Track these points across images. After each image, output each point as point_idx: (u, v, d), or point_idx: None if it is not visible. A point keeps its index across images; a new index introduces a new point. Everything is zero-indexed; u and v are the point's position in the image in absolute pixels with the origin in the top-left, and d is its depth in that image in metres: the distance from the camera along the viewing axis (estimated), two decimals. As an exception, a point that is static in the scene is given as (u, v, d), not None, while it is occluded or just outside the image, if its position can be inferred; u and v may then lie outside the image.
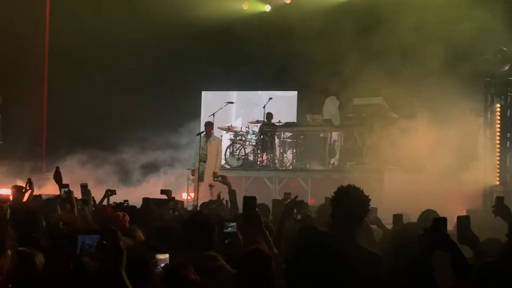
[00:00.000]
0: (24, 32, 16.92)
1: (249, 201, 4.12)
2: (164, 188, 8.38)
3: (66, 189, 5.59)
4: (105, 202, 8.49)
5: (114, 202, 8.39)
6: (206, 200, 9.75)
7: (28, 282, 3.24)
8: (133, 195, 11.29)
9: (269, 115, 15.58)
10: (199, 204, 10.20)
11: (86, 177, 13.51)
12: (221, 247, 4.16)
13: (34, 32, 17.59)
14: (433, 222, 3.18)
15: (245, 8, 18.76)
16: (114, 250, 2.62)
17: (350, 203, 3.99)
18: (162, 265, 3.23)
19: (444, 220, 3.20)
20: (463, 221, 3.62)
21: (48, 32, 17.91)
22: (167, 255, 3.29)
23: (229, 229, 4.09)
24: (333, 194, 4.10)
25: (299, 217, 5.49)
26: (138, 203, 7.97)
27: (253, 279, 3.46)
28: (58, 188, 5.76)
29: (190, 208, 10.24)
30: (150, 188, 14.06)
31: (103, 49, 17.57)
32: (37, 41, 17.74)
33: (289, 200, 6.21)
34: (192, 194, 14.08)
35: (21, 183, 14.78)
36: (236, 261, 3.74)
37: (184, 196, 14.51)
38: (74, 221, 4.19)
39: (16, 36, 16.79)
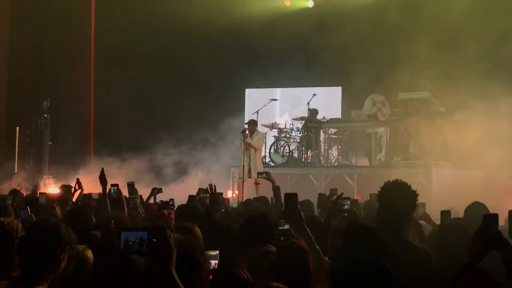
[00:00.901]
0: (70, 33, 17.23)
1: (291, 197, 4.08)
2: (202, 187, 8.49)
3: (116, 188, 5.67)
4: (151, 200, 8.58)
5: (160, 201, 8.49)
6: (252, 197, 9.75)
7: (79, 280, 3.28)
8: (177, 192, 11.38)
9: (314, 112, 15.45)
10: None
11: (131, 176, 13.71)
12: (276, 244, 4.15)
13: (80, 33, 17.92)
14: (483, 219, 3.08)
15: (287, 5, 18.71)
16: (164, 248, 2.64)
17: (397, 198, 3.93)
18: (213, 261, 3.23)
19: (495, 216, 3.09)
20: (515, 215, 3.53)
21: (93, 33, 18.21)
22: (217, 252, 3.30)
23: (285, 226, 4.06)
24: (380, 189, 4.05)
25: (345, 214, 5.43)
26: (180, 201, 8.03)
27: (289, 272, 3.48)
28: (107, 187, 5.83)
29: (235, 206, 10.26)
30: (195, 185, 14.11)
31: (147, 49, 17.78)
32: (83, 42, 18.06)
33: (335, 196, 6.17)
34: (237, 192, 14.10)
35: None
36: None
37: (229, 194, 14.53)
38: (124, 219, 4.24)
39: (63, 38, 17.11)
